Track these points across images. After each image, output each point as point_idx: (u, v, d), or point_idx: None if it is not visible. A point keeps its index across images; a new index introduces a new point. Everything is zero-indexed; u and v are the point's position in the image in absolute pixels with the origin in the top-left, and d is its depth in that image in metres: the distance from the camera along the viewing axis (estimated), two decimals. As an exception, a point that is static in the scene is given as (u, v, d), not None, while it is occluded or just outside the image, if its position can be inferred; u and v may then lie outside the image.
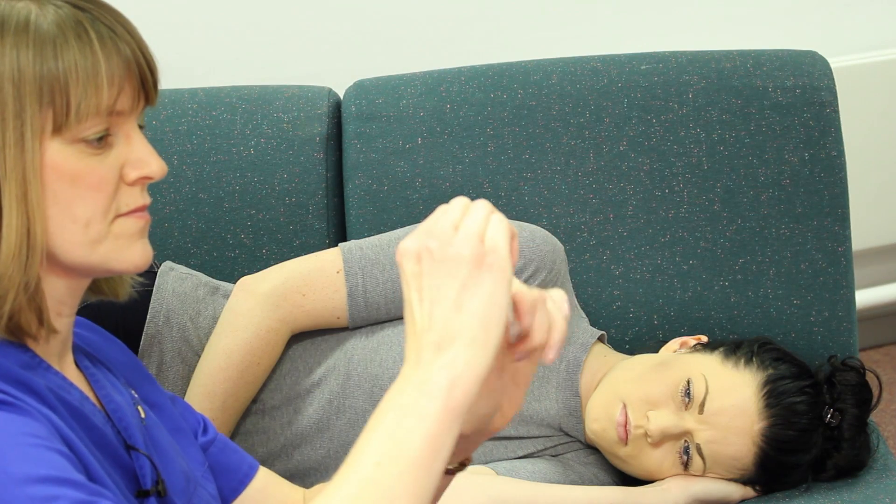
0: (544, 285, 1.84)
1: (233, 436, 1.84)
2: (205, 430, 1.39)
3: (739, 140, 2.00)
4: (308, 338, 1.86)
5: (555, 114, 2.01)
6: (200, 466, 1.33)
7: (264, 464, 1.84)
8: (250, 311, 1.80)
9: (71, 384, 1.19)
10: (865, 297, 3.02)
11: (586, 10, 2.74)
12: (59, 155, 1.12)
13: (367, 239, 1.87)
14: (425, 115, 2.01)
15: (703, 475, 1.80)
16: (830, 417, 1.80)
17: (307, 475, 1.85)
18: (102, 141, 1.14)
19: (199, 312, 1.86)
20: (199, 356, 1.83)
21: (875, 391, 1.85)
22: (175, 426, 1.34)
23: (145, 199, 1.18)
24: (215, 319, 1.85)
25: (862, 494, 1.80)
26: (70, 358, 1.23)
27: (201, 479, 1.31)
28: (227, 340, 1.79)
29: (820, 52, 2.07)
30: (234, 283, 1.87)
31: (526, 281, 1.83)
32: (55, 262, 1.15)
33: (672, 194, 2.00)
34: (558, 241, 1.88)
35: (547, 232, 1.88)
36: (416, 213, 1.99)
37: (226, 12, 2.55)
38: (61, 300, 1.18)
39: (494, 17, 2.69)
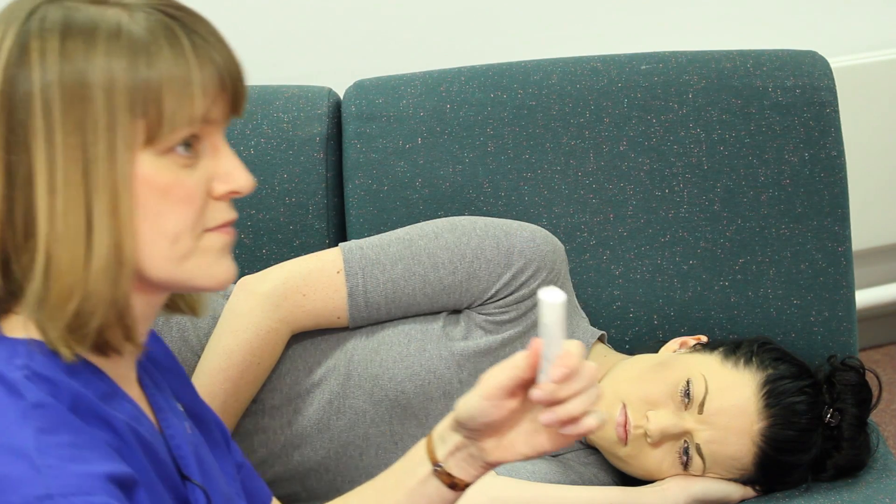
0: (544, 285, 1.84)
1: (233, 436, 1.84)
2: (229, 449, 1.37)
3: (739, 140, 2.00)
4: (308, 338, 1.86)
5: (555, 114, 2.01)
6: (234, 483, 1.31)
7: (264, 464, 1.84)
8: (250, 312, 1.80)
9: (141, 412, 1.17)
10: (865, 297, 3.02)
11: (586, 10, 2.74)
12: (150, 167, 1.09)
13: (367, 239, 1.87)
14: (425, 115, 2.01)
15: (702, 475, 1.80)
16: (830, 417, 1.80)
17: (307, 475, 1.85)
18: (190, 148, 1.11)
19: (199, 312, 1.86)
20: (199, 356, 1.83)
21: (875, 391, 1.85)
22: (213, 439, 1.32)
23: (232, 214, 1.15)
24: (215, 319, 1.85)
25: (862, 494, 1.80)
26: (134, 375, 1.20)
27: (236, 498, 1.29)
28: (228, 340, 1.79)
29: (820, 52, 2.07)
30: (235, 283, 1.87)
31: (526, 281, 1.83)
32: (140, 278, 1.12)
33: (672, 194, 2.00)
34: (558, 241, 1.88)
35: (547, 232, 1.88)
36: (416, 213, 1.99)
37: (225, 12, 2.54)
38: (142, 317, 1.15)
39: (494, 17, 2.69)
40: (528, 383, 1.25)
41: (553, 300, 1.20)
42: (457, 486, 1.32)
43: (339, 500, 1.42)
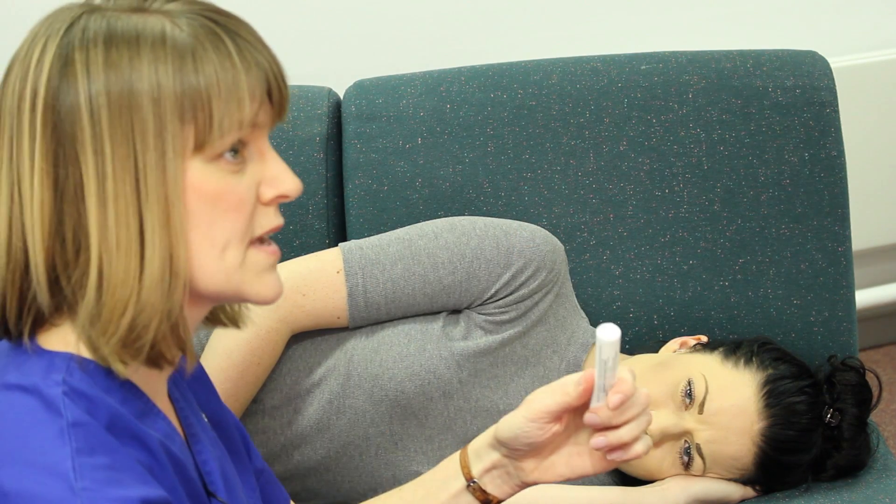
0: (544, 285, 1.85)
1: (233, 436, 1.84)
2: (249, 456, 1.36)
3: (739, 140, 2.00)
4: (308, 338, 1.86)
5: (555, 114, 2.01)
6: (254, 494, 1.30)
7: (264, 464, 1.84)
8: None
9: (173, 429, 1.16)
10: (865, 297, 3.02)
11: (586, 10, 2.74)
12: (200, 174, 1.07)
13: (367, 239, 1.87)
14: (425, 115, 2.01)
15: (702, 475, 1.80)
16: (830, 417, 1.80)
17: (307, 475, 1.85)
18: (238, 155, 1.10)
19: (199, 312, 1.86)
20: (199, 356, 1.83)
21: (875, 391, 1.85)
22: (234, 449, 1.31)
23: (279, 220, 1.14)
24: (215, 319, 1.85)
25: (862, 494, 1.80)
26: (165, 389, 1.19)
27: None
28: (227, 340, 1.79)
29: (820, 52, 2.07)
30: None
31: (526, 281, 1.83)
32: (191, 289, 1.10)
33: (672, 194, 2.00)
34: (558, 241, 1.88)
35: (547, 232, 1.88)
36: (416, 213, 1.99)
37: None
38: (191, 328, 1.14)
39: (494, 17, 2.69)
40: (574, 408, 1.26)
41: (611, 338, 1.22)
42: (490, 502, 1.33)
43: None
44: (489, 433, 1.32)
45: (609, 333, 1.22)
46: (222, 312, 1.24)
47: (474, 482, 1.32)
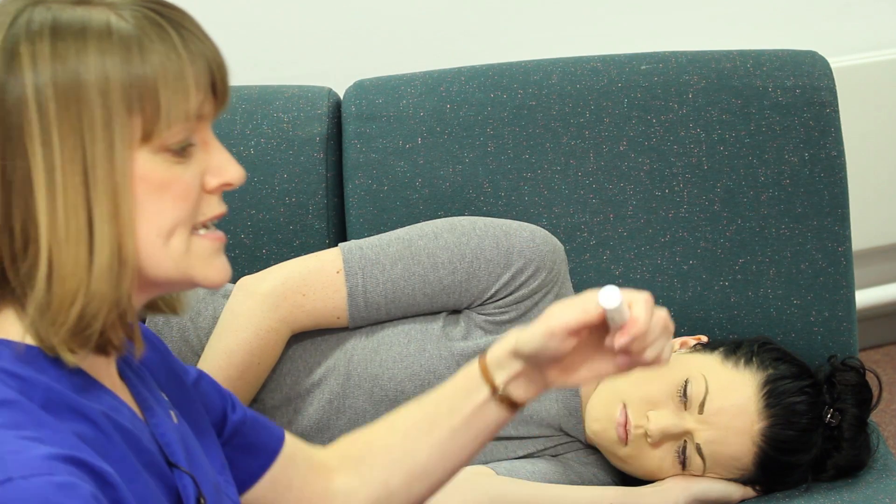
0: (544, 285, 1.85)
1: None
2: (233, 408, 1.37)
3: (739, 140, 2.00)
4: (308, 338, 1.86)
5: (555, 114, 2.01)
6: (223, 470, 1.31)
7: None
8: (250, 312, 1.80)
9: (121, 402, 1.17)
10: (865, 297, 3.02)
11: (586, 10, 2.74)
12: (148, 165, 1.09)
13: (367, 239, 1.87)
14: (425, 115, 2.01)
15: (703, 475, 1.80)
16: (830, 417, 1.80)
17: (307, 475, 1.85)
18: (185, 151, 1.11)
19: (198, 312, 1.86)
20: (199, 356, 1.83)
21: (875, 391, 1.85)
22: (201, 428, 1.32)
23: (222, 207, 1.16)
24: (215, 319, 1.85)
25: (862, 494, 1.80)
26: (115, 369, 1.21)
27: (224, 485, 1.29)
28: (227, 340, 1.79)
29: (820, 52, 2.07)
30: (234, 283, 1.87)
31: (526, 281, 1.83)
32: (140, 277, 1.11)
33: (672, 194, 2.00)
34: (558, 241, 1.88)
35: (547, 232, 1.88)
36: (416, 213, 1.99)
37: (226, 12, 2.55)
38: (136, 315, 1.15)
39: (494, 17, 2.69)
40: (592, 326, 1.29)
41: (613, 305, 1.24)
42: (517, 405, 1.35)
43: (385, 422, 1.43)
44: (507, 344, 1.33)
45: (610, 301, 1.24)
46: (161, 300, 1.25)
47: (500, 392, 1.33)
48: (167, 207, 1.10)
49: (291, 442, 1.41)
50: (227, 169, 1.14)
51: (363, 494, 1.40)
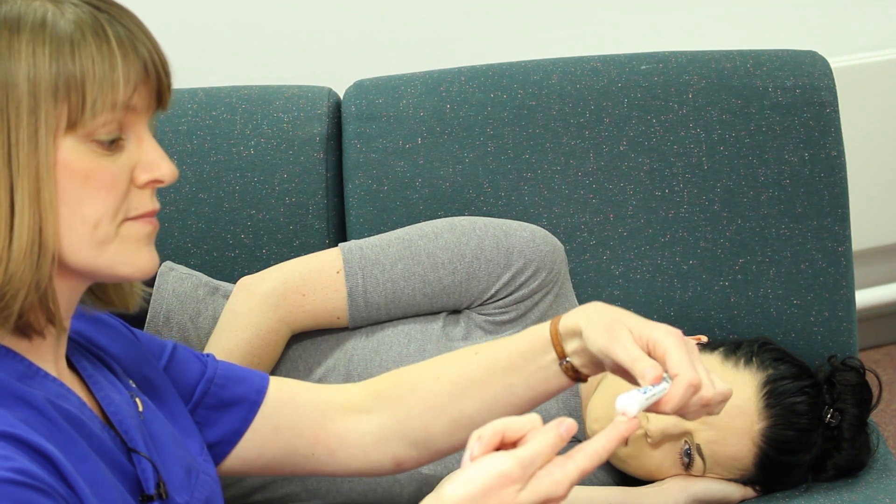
0: (544, 285, 1.84)
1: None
2: (205, 368, 1.39)
3: (739, 140, 2.00)
4: (308, 338, 1.86)
5: (555, 114, 2.01)
6: (200, 450, 1.33)
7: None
8: (250, 312, 1.80)
9: (68, 390, 1.19)
10: (865, 297, 3.02)
11: (586, 10, 2.74)
12: (72, 153, 1.11)
13: (367, 239, 1.87)
14: (425, 115, 2.01)
15: (703, 475, 1.80)
16: (830, 417, 1.80)
17: (307, 476, 1.85)
18: (114, 144, 1.13)
19: (199, 312, 1.86)
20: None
21: (875, 391, 1.85)
22: (174, 410, 1.34)
23: (154, 205, 1.17)
24: (215, 319, 1.85)
25: (862, 494, 1.80)
26: (64, 362, 1.22)
27: (202, 464, 1.31)
28: (228, 341, 1.79)
29: (820, 52, 2.07)
30: (234, 283, 1.87)
31: (526, 281, 1.83)
32: (61, 263, 1.14)
33: (672, 194, 2.00)
34: (558, 241, 1.88)
35: (547, 232, 1.88)
36: (416, 213, 1.99)
37: (226, 12, 2.55)
38: (65, 301, 1.17)
39: (494, 17, 2.69)
40: None
41: (630, 412, 1.16)
42: (578, 378, 1.34)
43: (427, 368, 1.43)
44: (579, 328, 1.31)
45: (629, 409, 1.17)
46: (114, 294, 1.27)
47: (567, 360, 1.33)
48: (91, 196, 1.12)
49: (281, 388, 1.42)
50: (158, 165, 1.16)
51: (398, 433, 1.41)
